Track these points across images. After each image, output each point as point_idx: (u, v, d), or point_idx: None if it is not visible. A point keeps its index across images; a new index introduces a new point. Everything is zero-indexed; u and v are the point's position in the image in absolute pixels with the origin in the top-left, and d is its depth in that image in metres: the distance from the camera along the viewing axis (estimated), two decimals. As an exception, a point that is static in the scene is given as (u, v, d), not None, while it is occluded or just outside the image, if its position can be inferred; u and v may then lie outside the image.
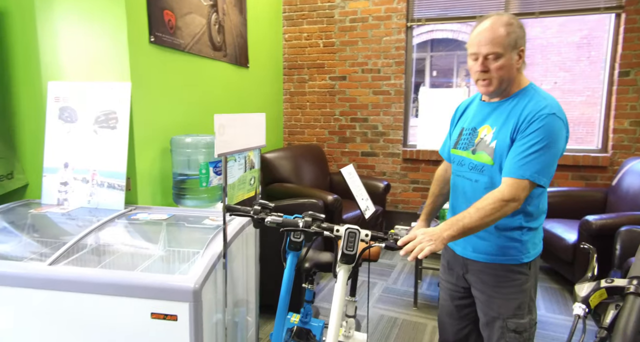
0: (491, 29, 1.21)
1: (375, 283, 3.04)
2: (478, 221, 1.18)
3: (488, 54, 1.22)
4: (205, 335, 1.49)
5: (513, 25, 1.22)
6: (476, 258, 1.38)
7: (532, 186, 1.22)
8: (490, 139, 1.31)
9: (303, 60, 4.07)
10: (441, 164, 1.63)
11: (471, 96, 1.51)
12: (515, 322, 1.33)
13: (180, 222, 1.93)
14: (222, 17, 2.85)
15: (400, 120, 3.87)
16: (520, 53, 1.25)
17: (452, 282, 1.53)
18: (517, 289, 1.34)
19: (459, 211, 1.37)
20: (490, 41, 1.20)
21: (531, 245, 1.35)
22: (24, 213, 2.00)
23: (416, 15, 3.74)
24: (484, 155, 1.32)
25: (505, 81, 1.26)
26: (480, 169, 1.33)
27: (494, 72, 1.23)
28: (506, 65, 1.23)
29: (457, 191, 1.44)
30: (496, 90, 1.28)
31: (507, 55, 1.22)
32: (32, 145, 2.22)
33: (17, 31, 2.14)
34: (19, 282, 1.50)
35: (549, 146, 1.20)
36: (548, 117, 1.20)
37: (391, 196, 3.97)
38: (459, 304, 1.52)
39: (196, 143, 2.13)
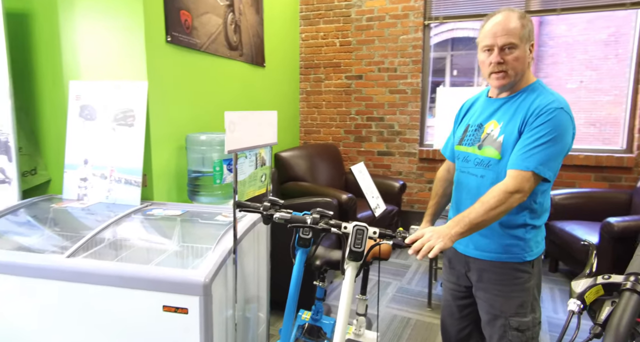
0: (506, 21, 1.22)
1: (389, 283, 3.03)
2: (484, 215, 1.17)
3: (504, 45, 1.22)
4: (216, 329, 1.52)
5: (526, 18, 1.24)
6: (478, 256, 1.37)
7: (537, 179, 1.21)
8: (498, 133, 1.30)
9: (319, 59, 4.08)
10: (443, 164, 1.62)
11: (476, 94, 1.50)
12: (518, 321, 1.32)
13: (194, 218, 1.96)
14: (239, 17, 2.89)
15: (417, 119, 3.84)
16: (531, 47, 1.26)
17: (453, 281, 1.51)
18: (519, 287, 1.32)
19: (462, 206, 1.37)
20: (507, 32, 1.21)
21: (534, 243, 1.33)
22: (46, 207, 2.08)
23: (434, 13, 3.70)
24: (490, 150, 1.31)
25: (518, 74, 1.26)
26: (487, 164, 1.32)
27: (510, 63, 1.23)
28: (521, 57, 1.23)
29: (461, 187, 1.42)
30: (509, 83, 1.28)
31: (522, 47, 1.23)
32: (55, 143, 2.30)
33: (42, 32, 2.22)
34: (38, 273, 1.56)
35: (555, 140, 1.19)
36: (556, 111, 1.20)
37: (407, 195, 3.94)
38: (461, 304, 1.51)
39: (210, 141, 2.17)
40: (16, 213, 2.03)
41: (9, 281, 1.60)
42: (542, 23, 7.80)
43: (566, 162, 3.41)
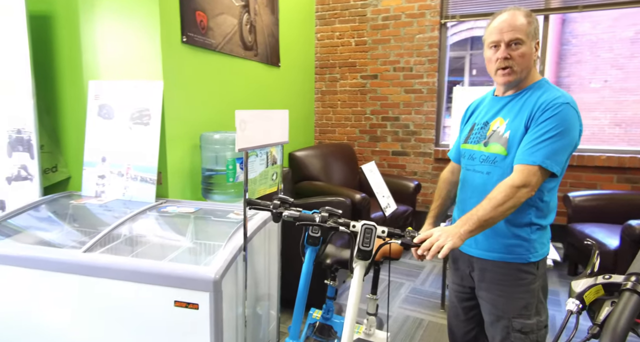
0: (513, 18, 1.23)
1: (402, 283, 3.01)
2: (492, 211, 1.16)
3: (511, 41, 1.23)
4: (226, 325, 1.54)
5: (532, 16, 1.25)
6: (481, 256, 1.35)
7: (544, 173, 1.19)
8: (504, 130, 1.29)
9: (335, 59, 4.08)
10: (447, 166, 1.60)
11: (482, 95, 1.50)
12: (521, 322, 1.29)
13: (207, 215, 1.99)
14: (254, 17, 2.92)
15: (433, 119, 3.80)
16: (536, 45, 1.27)
17: (458, 282, 1.50)
18: (523, 289, 1.30)
19: (467, 204, 1.36)
20: (514, 28, 1.22)
21: (539, 244, 1.30)
22: (66, 204, 2.14)
23: (450, 12, 3.65)
24: (496, 147, 1.30)
25: (524, 71, 1.27)
26: (493, 161, 1.31)
27: (516, 59, 1.24)
28: (527, 54, 1.24)
29: (467, 185, 1.40)
30: (515, 80, 1.28)
31: (528, 44, 1.24)
32: (75, 141, 2.37)
33: (63, 34, 2.29)
34: (57, 267, 1.61)
35: (562, 134, 1.18)
36: (562, 106, 1.19)
37: (422, 196, 3.91)
38: (466, 305, 1.49)
39: (224, 139, 2.20)
40: (38, 209, 2.09)
41: (30, 274, 1.65)
42: (565, 21, 7.60)
43: (587, 163, 3.33)
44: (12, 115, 2.15)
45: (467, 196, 1.39)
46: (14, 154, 2.18)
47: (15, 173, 2.19)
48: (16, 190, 2.20)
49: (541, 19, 3.49)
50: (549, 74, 5.17)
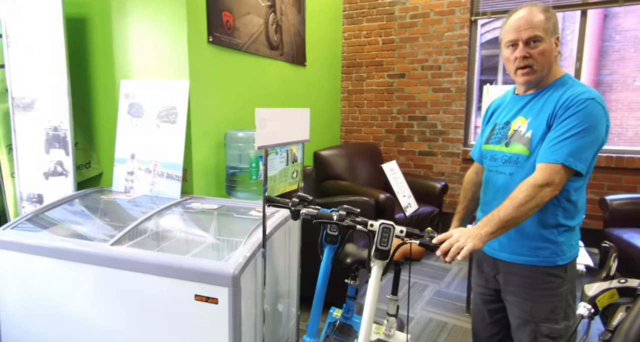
0: (530, 15, 1.19)
1: (426, 285, 2.95)
2: (514, 212, 1.12)
3: (529, 39, 1.19)
4: (245, 321, 1.56)
5: (549, 11, 1.21)
6: (506, 258, 1.31)
7: (568, 172, 1.15)
8: (525, 129, 1.25)
9: (362, 58, 4.06)
10: (471, 167, 1.57)
11: (503, 94, 1.46)
12: (549, 327, 1.24)
13: (230, 212, 2.03)
14: (280, 16, 2.94)
15: (461, 118, 3.71)
16: (556, 41, 1.22)
17: (482, 285, 1.46)
18: (551, 292, 1.25)
19: (490, 206, 1.32)
20: (531, 25, 1.18)
21: (567, 247, 1.25)
22: (98, 199, 2.23)
23: (481, 8, 3.56)
24: (518, 147, 1.26)
25: (545, 68, 1.23)
26: (515, 161, 1.27)
27: (536, 57, 1.20)
28: (547, 51, 1.20)
29: (489, 186, 1.37)
30: (536, 79, 1.24)
31: (548, 40, 1.20)
32: (107, 138, 2.47)
33: (97, 35, 2.39)
34: (86, 258, 1.68)
35: (586, 131, 1.13)
36: (587, 102, 1.14)
37: (449, 197, 3.82)
38: (491, 308, 1.45)
39: (247, 138, 2.23)
40: (71, 203, 2.19)
41: (62, 265, 1.73)
42: (608, 16, 7.23)
43: (627, 165, 3.16)
44: (50, 113, 2.26)
45: (490, 197, 1.36)
46: (51, 151, 2.29)
47: (52, 169, 2.30)
48: (52, 185, 2.31)
49: (578, 14, 3.34)
50: (587, 72, 4.94)
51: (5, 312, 1.87)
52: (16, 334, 1.87)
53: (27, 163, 2.35)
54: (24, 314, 1.84)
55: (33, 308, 1.81)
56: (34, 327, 1.83)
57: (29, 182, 2.36)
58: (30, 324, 1.83)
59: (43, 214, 2.06)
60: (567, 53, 10.43)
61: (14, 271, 1.83)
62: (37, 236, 1.83)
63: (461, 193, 1.57)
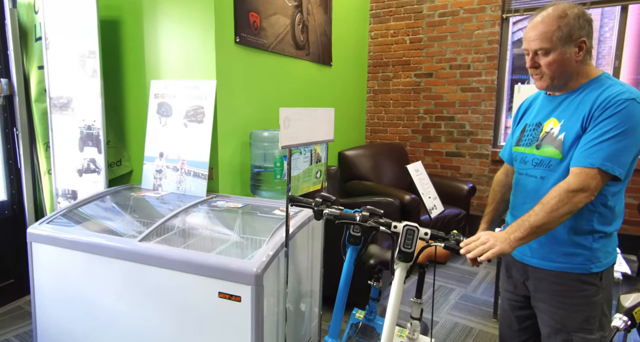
0: (541, 23, 1.15)
1: (452, 289, 2.89)
2: (545, 217, 1.07)
3: (537, 50, 1.17)
4: (267, 319, 1.57)
5: (567, 16, 1.13)
6: (537, 264, 1.27)
7: (605, 177, 1.09)
8: (558, 131, 1.20)
9: (388, 57, 4.01)
10: (501, 168, 1.52)
11: (535, 93, 1.40)
12: (583, 337, 1.19)
13: (254, 211, 2.04)
14: (306, 16, 2.95)
15: (491, 118, 3.61)
16: (581, 44, 1.15)
17: (511, 290, 1.41)
18: (584, 301, 1.19)
19: (519, 210, 1.28)
20: (538, 36, 1.15)
21: (603, 253, 1.19)
22: (128, 196, 2.29)
23: (513, 5, 3.45)
24: (550, 149, 1.21)
25: (560, 76, 1.18)
26: (547, 165, 1.22)
27: (544, 68, 1.17)
28: (557, 61, 1.15)
29: (519, 189, 1.33)
30: (551, 86, 1.21)
31: (559, 50, 1.14)
32: (137, 137, 2.54)
33: (129, 37, 2.46)
34: (115, 253, 1.74)
35: (625, 133, 1.07)
36: (626, 103, 1.08)
37: (477, 199, 3.73)
38: (520, 314, 1.40)
39: (272, 137, 2.24)
40: (103, 199, 2.27)
41: (92, 259, 1.79)
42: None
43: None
44: (84, 112, 2.34)
45: (520, 201, 1.32)
46: (85, 149, 2.37)
47: (85, 166, 2.39)
48: (86, 181, 2.40)
49: (617, 10, 3.20)
50: (626, 71, 4.71)
51: (40, 302, 1.96)
52: (49, 323, 1.95)
53: (62, 160, 2.45)
54: (57, 305, 1.91)
55: (65, 299, 1.89)
56: (65, 317, 1.90)
57: (64, 178, 2.46)
58: (62, 315, 1.91)
59: (77, 209, 2.14)
60: (606, 51, 9.97)
61: (49, 263, 1.91)
62: (70, 230, 1.90)
63: (490, 195, 1.53)
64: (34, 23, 2.49)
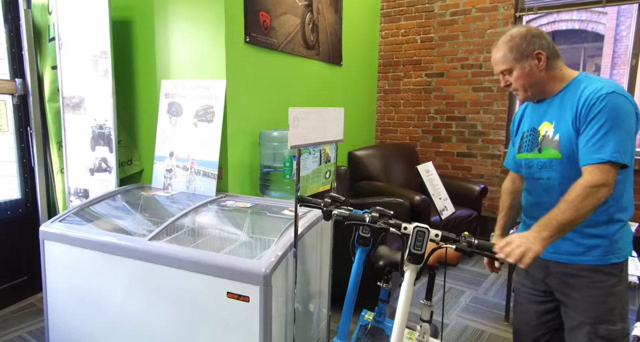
0: (497, 50, 1.31)
1: (463, 291, 2.86)
2: (573, 214, 1.11)
3: (502, 71, 1.32)
4: (276, 320, 1.56)
5: (513, 39, 1.27)
6: (558, 259, 1.30)
7: (616, 168, 1.15)
8: (553, 133, 1.27)
9: (399, 57, 3.98)
10: (507, 177, 1.57)
11: (524, 104, 1.50)
12: (607, 329, 1.22)
13: (263, 211, 2.04)
14: (317, 16, 2.94)
15: (503, 119, 3.56)
16: (538, 56, 1.27)
17: (529, 285, 1.43)
18: (606, 292, 1.22)
19: (536, 209, 1.33)
20: (499, 61, 1.31)
21: (623, 243, 1.23)
22: (138, 195, 2.31)
23: (527, 4, 3.40)
24: (550, 151, 1.28)
25: (531, 87, 1.30)
26: (550, 166, 1.29)
27: (514, 84, 1.31)
28: (521, 75, 1.28)
29: (531, 192, 1.38)
30: (529, 97, 1.33)
31: (518, 66, 1.28)
32: (147, 136, 2.55)
33: (140, 37, 2.48)
34: (125, 252, 1.75)
35: (618, 125, 1.14)
36: (608, 96, 1.15)
37: (488, 200, 3.68)
38: (539, 309, 1.40)
39: (282, 137, 2.24)
40: (114, 198, 2.28)
41: (103, 258, 1.81)
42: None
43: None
44: (96, 112, 2.37)
45: (534, 201, 1.37)
46: (96, 148, 2.40)
47: (96, 165, 2.41)
48: (97, 180, 2.42)
49: (634, 8, 3.13)
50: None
51: (52, 300, 1.98)
52: (60, 320, 1.97)
53: (74, 159, 2.47)
54: (68, 303, 1.93)
55: (76, 297, 1.90)
56: (76, 315, 1.92)
57: (76, 177, 2.48)
58: (73, 312, 1.92)
59: (88, 208, 2.16)
60: (622, 49, 9.77)
61: (61, 261, 1.93)
62: (82, 229, 1.92)
63: (500, 202, 1.58)
64: (47, 23, 2.53)
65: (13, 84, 2.53)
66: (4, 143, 2.58)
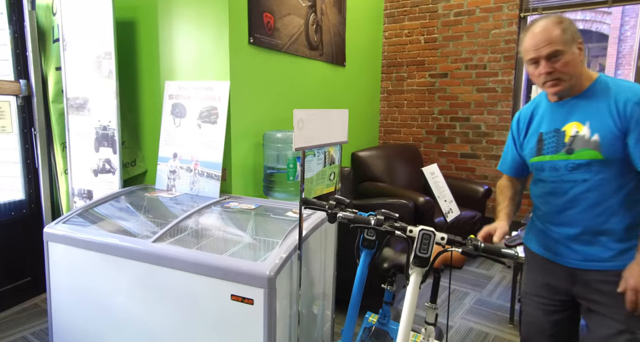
0: (546, 30, 1.21)
1: (467, 293, 2.85)
2: None
3: (549, 55, 1.21)
4: (280, 322, 1.55)
5: (564, 21, 1.21)
6: (590, 267, 1.26)
7: None
8: (589, 133, 1.22)
9: (402, 57, 3.97)
10: (501, 180, 1.53)
11: (529, 103, 1.43)
12: None
13: (267, 212, 2.03)
14: (320, 17, 2.93)
15: (507, 119, 3.55)
16: (579, 46, 1.23)
17: (545, 296, 1.39)
18: None
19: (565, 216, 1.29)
20: (549, 41, 1.20)
21: None
22: (142, 196, 2.31)
23: (532, 4, 3.38)
24: (587, 152, 1.22)
25: (572, 78, 1.23)
26: (587, 167, 1.23)
27: (560, 71, 1.21)
28: (571, 61, 1.21)
29: (558, 196, 1.31)
30: (566, 89, 1.25)
31: (570, 51, 1.20)
32: (151, 137, 2.55)
33: (144, 38, 2.47)
34: (129, 254, 1.74)
35: None
36: None
37: (492, 201, 3.66)
38: (553, 319, 1.37)
39: (286, 138, 2.23)
40: (118, 199, 2.28)
41: (107, 259, 1.81)
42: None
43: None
44: (99, 113, 2.36)
45: (560, 208, 1.31)
46: (100, 149, 2.40)
47: (100, 166, 2.41)
48: (101, 181, 2.42)
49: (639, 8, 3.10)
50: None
51: (56, 301, 1.98)
52: (64, 321, 1.97)
53: (78, 160, 2.47)
54: (72, 304, 1.93)
55: (80, 298, 1.90)
56: (80, 316, 1.92)
57: (80, 178, 2.48)
58: (77, 314, 1.92)
59: (92, 209, 2.16)
60: (626, 50, 9.71)
61: (65, 263, 1.93)
62: (86, 230, 1.92)
63: (499, 195, 1.52)
64: (52, 25, 2.53)
65: (17, 85, 2.53)
66: (8, 144, 2.59)
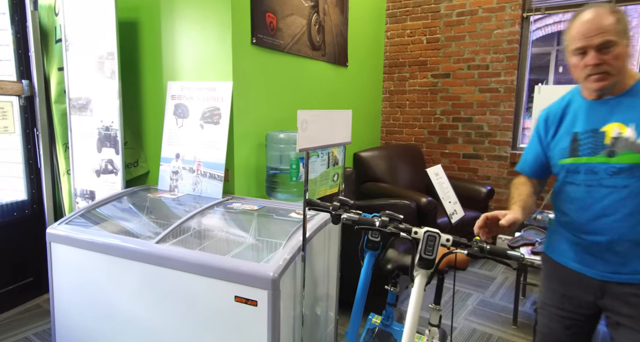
0: (598, 18, 1.10)
1: (470, 294, 2.84)
2: None
3: (601, 45, 1.10)
4: (284, 324, 1.55)
5: (619, 11, 1.11)
6: (621, 280, 1.19)
7: None
8: (634, 135, 1.13)
9: (404, 57, 3.96)
10: (518, 177, 1.42)
11: (558, 100, 1.33)
12: None
13: (270, 213, 2.03)
14: (323, 17, 2.92)
15: (510, 120, 3.54)
16: (629, 41, 1.13)
17: (567, 308, 1.33)
18: None
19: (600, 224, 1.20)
20: (602, 30, 1.09)
21: None
22: (144, 196, 2.30)
23: (534, 4, 3.37)
24: (631, 156, 1.13)
25: (621, 72, 1.13)
26: (630, 172, 1.14)
27: (610, 63, 1.11)
28: (622, 54, 1.11)
29: (592, 202, 1.22)
30: (611, 85, 1.15)
31: (623, 43, 1.11)
32: (154, 138, 2.55)
33: (146, 38, 2.47)
34: (132, 255, 1.74)
35: None
36: None
37: (495, 202, 3.66)
38: (572, 332, 1.32)
39: (288, 139, 2.22)
40: (120, 200, 2.28)
41: (110, 260, 1.80)
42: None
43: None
44: (102, 114, 2.36)
45: (596, 214, 1.21)
46: (102, 150, 2.39)
47: (103, 166, 2.41)
48: (103, 182, 2.41)
49: (644, 7, 3.09)
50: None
51: (59, 302, 1.98)
52: (67, 322, 1.97)
53: (81, 161, 2.47)
54: (75, 305, 1.93)
55: (83, 299, 1.90)
56: (83, 317, 1.91)
57: (83, 179, 2.48)
58: (80, 315, 1.92)
59: (94, 210, 2.15)
60: (628, 50, 9.62)
61: (68, 264, 1.93)
62: (88, 231, 1.91)
63: (518, 189, 1.39)
64: (54, 25, 2.53)
65: (20, 85, 2.53)
66: (10, 144, 2.58)
